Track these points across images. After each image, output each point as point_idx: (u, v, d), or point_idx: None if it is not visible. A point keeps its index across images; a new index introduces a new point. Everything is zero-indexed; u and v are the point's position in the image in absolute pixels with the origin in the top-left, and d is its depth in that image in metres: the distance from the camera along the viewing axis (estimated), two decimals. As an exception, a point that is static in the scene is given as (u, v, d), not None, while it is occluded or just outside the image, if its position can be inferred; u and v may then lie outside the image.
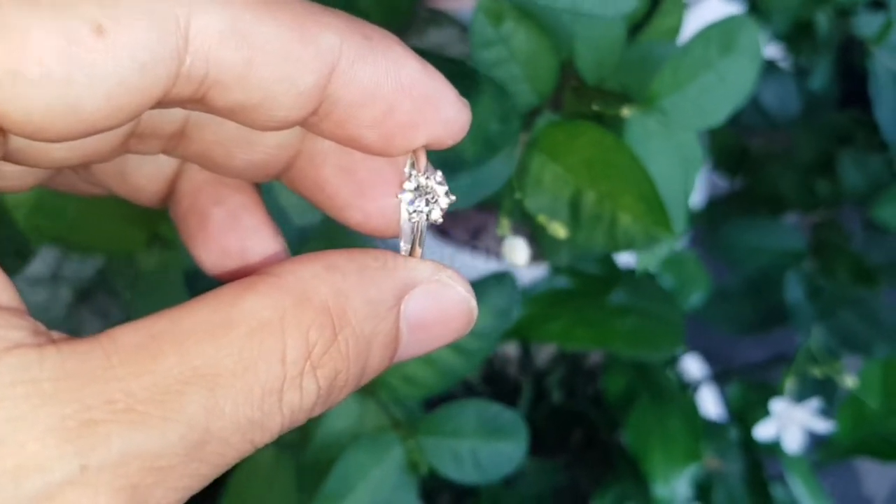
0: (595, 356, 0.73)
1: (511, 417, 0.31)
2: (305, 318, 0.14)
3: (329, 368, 0.14)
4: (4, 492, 0.12)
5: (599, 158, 0.26)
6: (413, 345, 0.16)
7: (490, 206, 0.29)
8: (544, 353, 0.74)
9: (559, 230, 0.26)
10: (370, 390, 0.32)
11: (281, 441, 0.38)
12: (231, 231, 0.19)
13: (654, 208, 0.26)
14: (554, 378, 0.67)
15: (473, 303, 0.17)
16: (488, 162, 0.26)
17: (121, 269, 0.45)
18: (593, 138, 0.26)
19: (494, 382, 0.70)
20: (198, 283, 0.36)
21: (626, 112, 0.28)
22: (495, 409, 0.31)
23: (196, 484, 0.13)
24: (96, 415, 0.12)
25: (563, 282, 0.52)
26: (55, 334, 0.13)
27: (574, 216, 0.27)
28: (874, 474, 0.92)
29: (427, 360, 0.32)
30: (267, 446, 0.35)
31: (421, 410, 0.33)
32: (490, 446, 0.30)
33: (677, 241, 0.27)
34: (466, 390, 0.68)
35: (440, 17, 0.61)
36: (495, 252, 0.85)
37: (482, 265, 0.74)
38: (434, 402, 0.35)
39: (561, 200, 0.27)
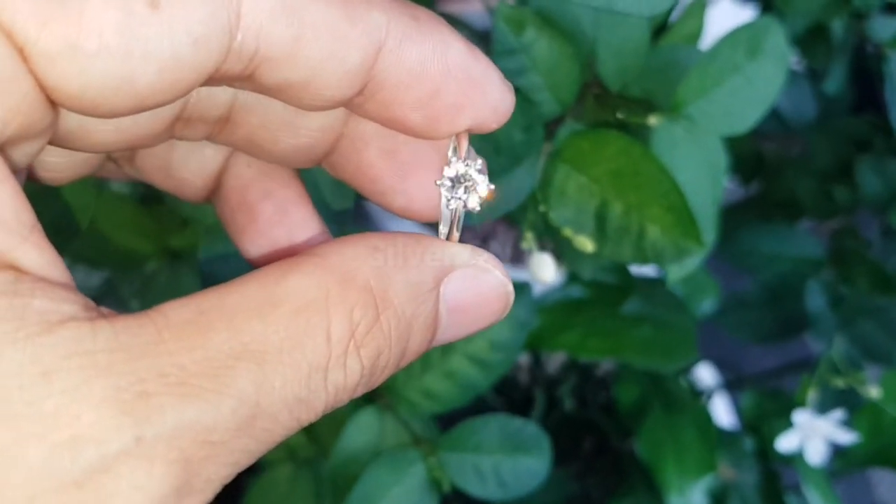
0: (606, 364, 0.73)
1: (534, 432, 0.30)
2: (349, 298, 0.14)
3: (372, 348, 0.14)
4: (61, 463, 0.12)
5: (626, 169, 0.26)
6: (451, 328, 0.16)
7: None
8: (555, 360, 0.73)
9: (586, 244, 0.25)
10: (388, 405, 0.31)
11: (298, 456, 0.37)
12: (279, 225, 0.19)
13: (684, 219, 0.25)
14: (566, 387, 0.67)
15: (510, 287, 0.17)
16: (512, 173, 0.25)
17: (128, 279, 0.45)
18: (620, 148, 0.26)
19: (506, 391, 0.69)
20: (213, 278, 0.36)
21: (653, 120, 0.27)
22: (518, 424, 0.30)
23: (244, 460, 0.13)
24: (150, 387, 0.12)
25: (576, 291, 0.51)
26: (104, 310, 0.13)
27: (600, 228, 0.26)
28: (886, 482, 0.91)
29: (447, 373, 0.32)
30: (284, 462, 0.34)
31: (436, 427, 0.33)
32: (513, 461, 0.29)
33: (706, 252, 0.26)
34: (478, 399, 0.67)
35: (452, 22, 0.60)
36: (503, 258, 0.85)
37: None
38: (447, 416, 0.35)
39: (586, 212, 0.26)
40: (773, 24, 0.29)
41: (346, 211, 0.27)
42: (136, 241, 0.38)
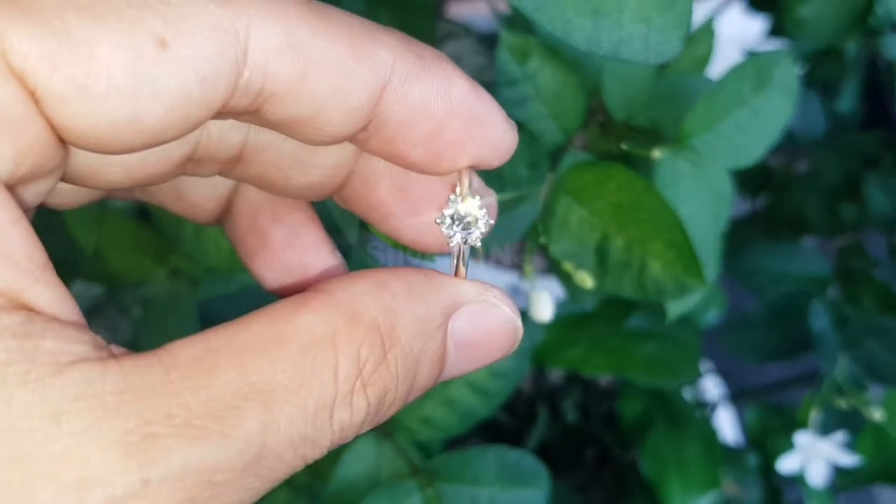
0: (610, 375, 0.72)
1: (531, 464, 0.30)
2: (357, 336, 0.14)
3: (379, 386, 0.15)
4: None
5: (628, 203, 0.25)
6: (459, 363, 0.16)
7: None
8: (558, 370, 0.73)
9: (586, 280, 0.25)
10: (387, 433, 0.31)
11: (295, 483, 0.37)
12: (291, 248, 0.19)
13: (685, 256, 0.25)
14: (570, 402, 0.66)
15: (519, 323, 0.17)
16: (516, 207, 0.25)
17: (130, 288, 0.45)
18: (622, 182, 0.25)
19: (508, 402, 0.69)
20: (211, 313, 0.36)
21: (656, 154, 0.27)
22: (516, 455, 0.30)
23: (249, 498, 0.13)
24: (157, 429, 0.12)
25: (580, 306, 0.51)
26: (115, 348, 0.13)
27: (601, 262, 0.26)
28: (888, 494, 0.90)
29: (446, 401, 0.31)
30: (281, 488, 0.34)
31: (439, 451, 0.32)
32: (510, 494, 0.29)
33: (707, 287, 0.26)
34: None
35: (457, 30, 0.60)
36: (506, 264, 0.84)
37: (497, 278, 0.73)
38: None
39: (587, 245, 0.26)
40: (782, 55, 0.28)
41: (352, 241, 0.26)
42: (137, 258, 0.37)
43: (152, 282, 0.38)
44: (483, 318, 0.16)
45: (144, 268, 0.36)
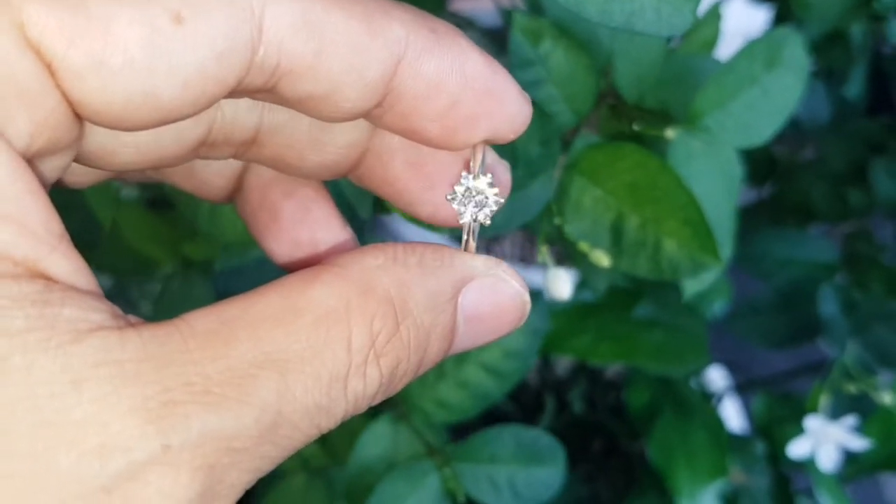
0: (616, 366, 0.72)
1: (548, 442, 0.30)
2: (369, 308, 0.14)
3: (391, 357, 0.15)
4: (90, 470, 0.12)
5: (643, 182, 0.26)
6: (468, 337, 0.17)
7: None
8: (564, 361, 0.73)
9: (602, 258, 0.25)
10: (403, 415, 0.31)
11: (312, 465, 0.37)
12: (302, 223, 0.19)
13: (700, 234, 0.25)
14: (576, 391, 0.66)
15: (527, 297, 0.17)
16: (529, 186, 0.25)
17: (138, 282, 0.45)
18: (636, 161, 0.26)
19: (515, 393, 0.69)
20: (226, 289, 0.36)
21: (670, 133, 0.27)
22: (532, 435, 0.30)
23: (266, 466, 0.14)
24: (176, 396, 0.12)
25: (587, 294, 0.51)
26: (132, 318, 0.13)
27: (616, 242, 0.26)
28: (894, 482, 0.90)
29: (461, 383, 0.32)
30: (298, 471, 0.34)
31: (446, 435, 0.33)
32: (528, 472, 0.29)
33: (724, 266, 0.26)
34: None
35: (462, 24, 0.60)
36: (513, 256, 0.85)
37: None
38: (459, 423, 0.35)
39: (602, 225, 0.26)
40: (792, 35, 0.28)
41: (364, 221, 0.27)
42: (150, 247, 0.38)
43: (163, 272, 0.38)
44: (492, 292, 0.16)
45: (156, 256, 0.36)
